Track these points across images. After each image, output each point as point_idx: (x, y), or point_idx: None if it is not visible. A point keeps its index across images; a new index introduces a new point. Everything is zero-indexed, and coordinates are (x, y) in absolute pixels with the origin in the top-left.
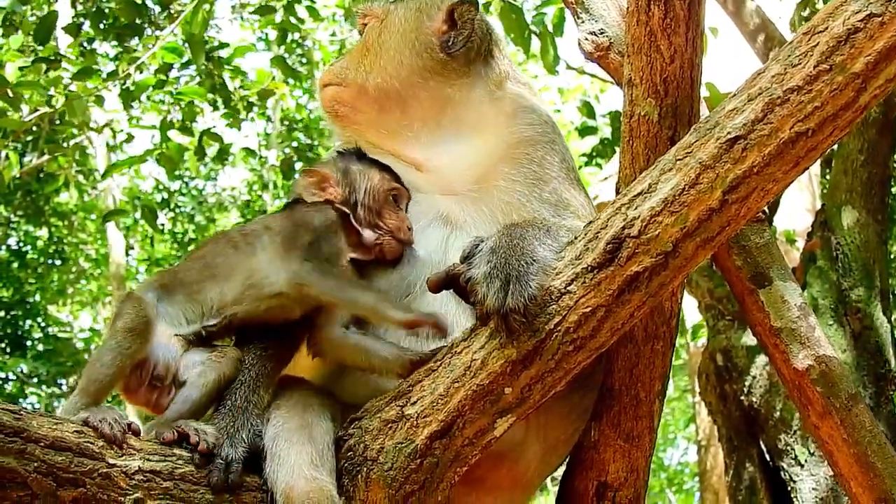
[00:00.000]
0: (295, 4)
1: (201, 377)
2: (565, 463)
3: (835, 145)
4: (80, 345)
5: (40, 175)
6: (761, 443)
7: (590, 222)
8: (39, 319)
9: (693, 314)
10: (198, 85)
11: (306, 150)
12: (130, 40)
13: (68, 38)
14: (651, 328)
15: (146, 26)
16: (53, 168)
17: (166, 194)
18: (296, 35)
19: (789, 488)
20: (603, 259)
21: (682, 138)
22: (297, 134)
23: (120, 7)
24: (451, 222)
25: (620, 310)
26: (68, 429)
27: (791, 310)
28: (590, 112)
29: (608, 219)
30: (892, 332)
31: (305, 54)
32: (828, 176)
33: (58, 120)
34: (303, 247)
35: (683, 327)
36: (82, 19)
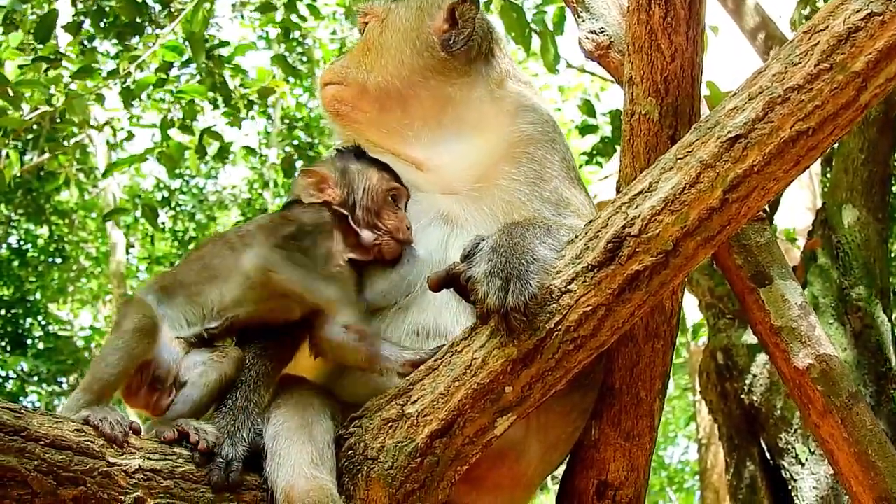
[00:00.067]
0: (296, 2)
1: (203, 377)
2: (566, 462)
3: (835, 144)
4: (81, 343)
5: (41, 173)
6: (762, 441)
7: (590, 221)
8: (40, 318)
9: (694, 313)
10: (198, 83)
11: (307, 149)
12: (131, 39)
13: (69, 37)
14: (652, 327)
15: (146, 25)
16: (54, 166)
17: (167, 192)
18: (296, 33)
19: (790, 487)
20: (603, 258)
21: (682, 137)
22: (297, 132)
23: (120, 5)
24: (451, 221)
25: (621, 309)
26: (69, 427)
27: (791, 308)
28: (590, 111)
29: (609, 217)
30: (893, 331)
31: (306, 53)
32: (828, 174)
33: (58, 118)
34: (280, 236)
35: (684, 326)
36: (82, 18)
